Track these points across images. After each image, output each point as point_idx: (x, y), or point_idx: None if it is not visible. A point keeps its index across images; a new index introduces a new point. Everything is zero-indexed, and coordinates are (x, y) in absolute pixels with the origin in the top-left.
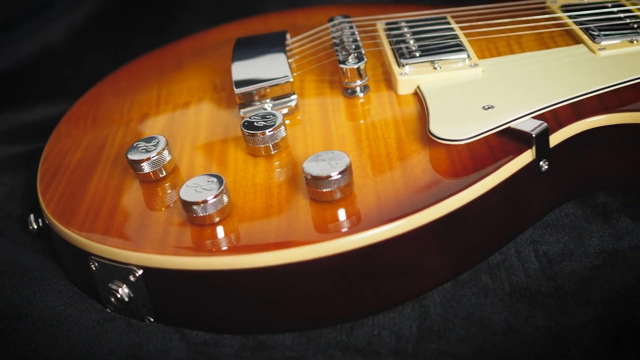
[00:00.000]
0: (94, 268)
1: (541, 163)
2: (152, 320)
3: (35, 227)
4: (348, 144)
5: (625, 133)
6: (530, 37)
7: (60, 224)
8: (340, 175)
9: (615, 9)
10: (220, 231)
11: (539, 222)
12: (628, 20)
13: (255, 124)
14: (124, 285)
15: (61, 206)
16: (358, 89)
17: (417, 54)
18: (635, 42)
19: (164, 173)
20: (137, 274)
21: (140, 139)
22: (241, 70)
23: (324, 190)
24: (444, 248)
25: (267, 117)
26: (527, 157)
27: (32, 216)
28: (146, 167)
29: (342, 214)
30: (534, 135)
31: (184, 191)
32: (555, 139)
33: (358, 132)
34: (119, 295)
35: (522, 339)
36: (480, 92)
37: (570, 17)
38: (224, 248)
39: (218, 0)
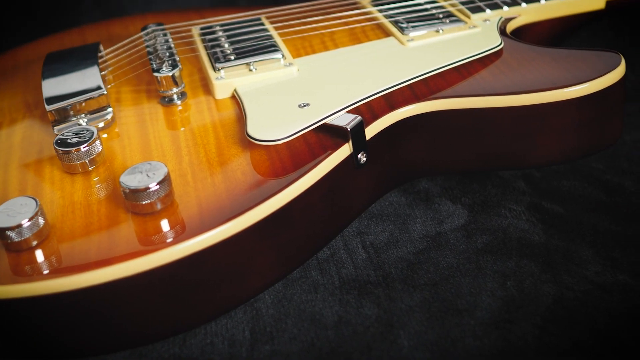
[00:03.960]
0: None
1: (359, 156)
2: None
3: None
4: (167, 153)
5: (436, 120)
6: (344, 33)
7: None
8: (158, 186)
9: (422, 0)
10: (38, 255)
11: (364, 213)
12: (434, 11)
13: (69, 140)
14: None
15: None
16: (175, 96)
17: (233, 57)
18: (441, 31)
19: None
20: None
21: None
22: (52, 86)
23: (144, 202)
24: (271, 249)
25: (81, 132)
26: (344, 151)
27: None
28: None
29: (164, 225)
30: (349, 129)
31: None
32: (371, 131)
33: (177, 140)
34: None
35: (354, 330)
36: (296, 90)
37: (380, 11)
38: (45, 272)
39: (29, 16)
